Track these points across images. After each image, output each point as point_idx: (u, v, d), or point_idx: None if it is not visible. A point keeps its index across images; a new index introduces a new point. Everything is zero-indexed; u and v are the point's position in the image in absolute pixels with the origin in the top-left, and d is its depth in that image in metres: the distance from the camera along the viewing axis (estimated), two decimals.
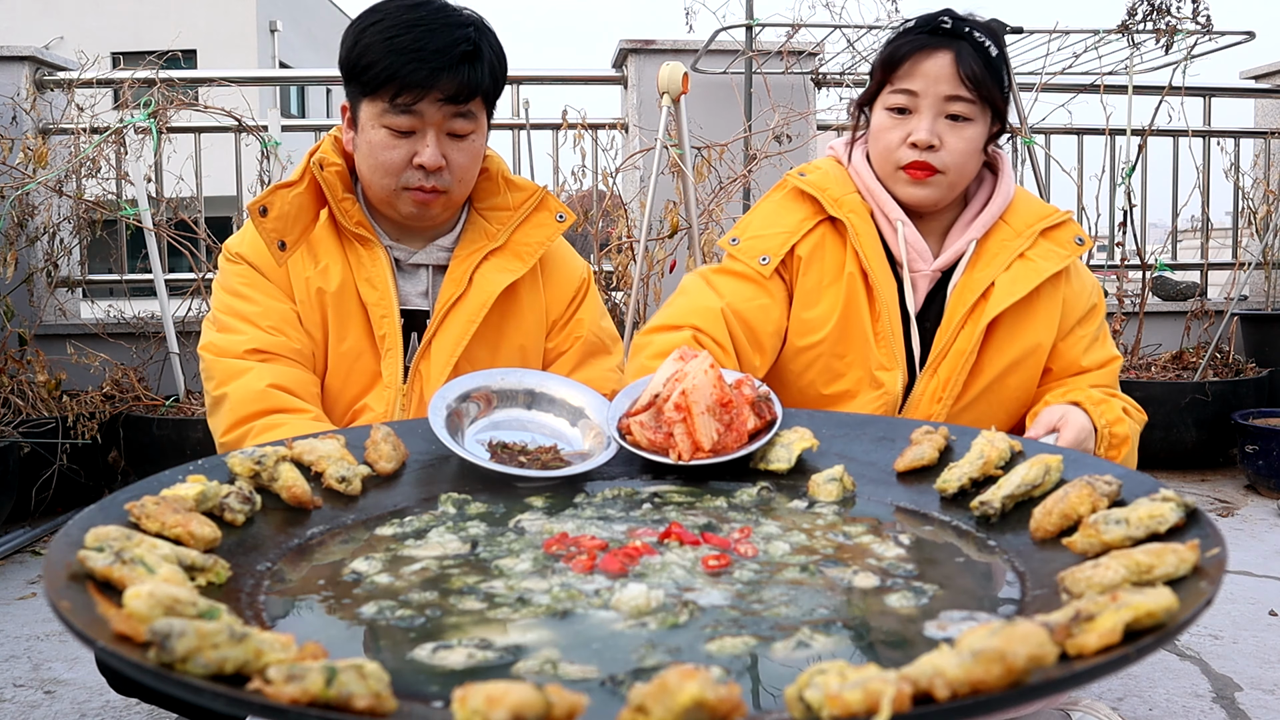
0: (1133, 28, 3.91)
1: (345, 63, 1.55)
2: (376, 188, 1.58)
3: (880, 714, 0.53)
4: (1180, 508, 0.82)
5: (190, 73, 4.13)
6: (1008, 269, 1.62)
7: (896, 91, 1.59)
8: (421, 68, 1.46)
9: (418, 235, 1.66)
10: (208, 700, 0.57)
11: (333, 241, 1.62)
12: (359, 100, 1.55)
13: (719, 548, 0.93)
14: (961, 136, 1.58)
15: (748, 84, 4.09)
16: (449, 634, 0.76)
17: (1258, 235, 4.64)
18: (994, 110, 1.60)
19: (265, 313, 1.58)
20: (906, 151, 1.58)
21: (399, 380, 1.59)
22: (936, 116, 1.57)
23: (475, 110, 1.54)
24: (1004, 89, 1.62)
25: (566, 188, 4.20)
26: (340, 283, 1.59)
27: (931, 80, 1.56)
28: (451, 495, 1.07)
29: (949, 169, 1.59)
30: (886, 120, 1.61)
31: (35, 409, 3.42)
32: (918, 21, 1.60)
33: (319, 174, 1.59)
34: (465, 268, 1.62)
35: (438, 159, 1.52)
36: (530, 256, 1.65)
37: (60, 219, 3.94)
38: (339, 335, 1.59)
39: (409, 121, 1.51)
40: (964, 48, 1.56)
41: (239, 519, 0.94)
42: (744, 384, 1.21)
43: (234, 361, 1.54)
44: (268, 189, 1.60)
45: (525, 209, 1.68)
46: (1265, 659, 2.20)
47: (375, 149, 1.54)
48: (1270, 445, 3.63)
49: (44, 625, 2.51)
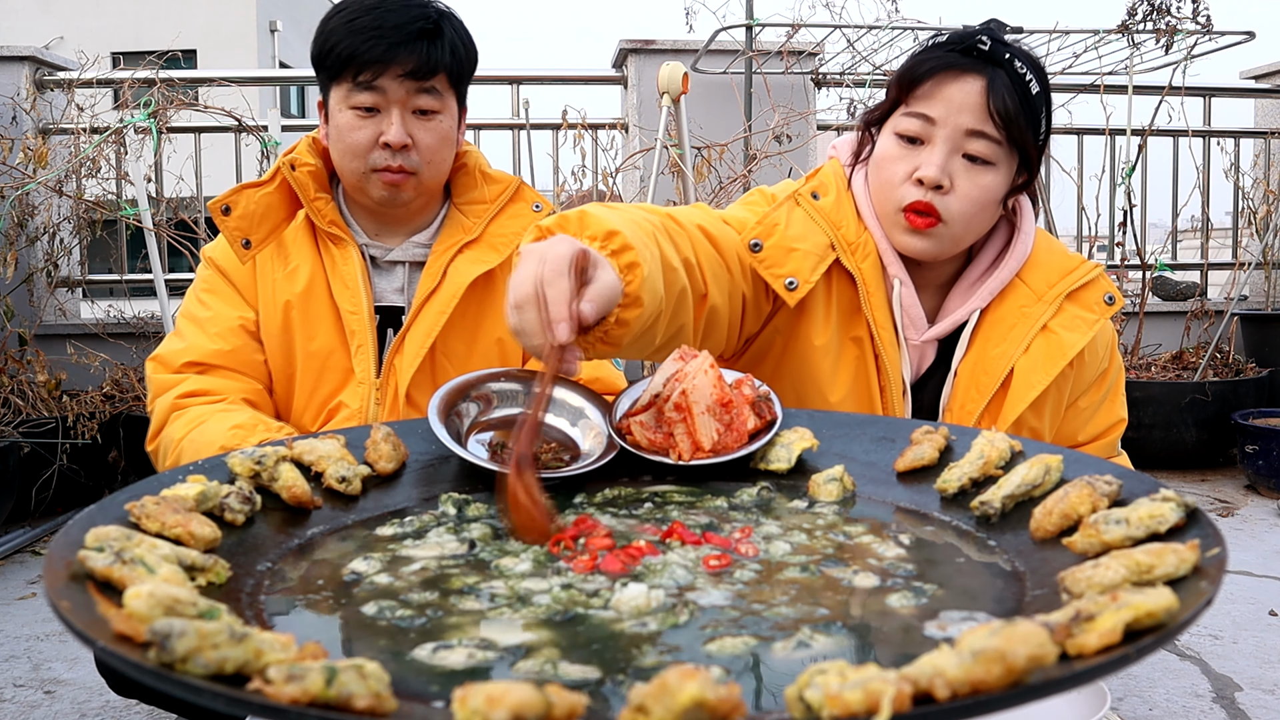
0: (1133, 28, 3.91)
1: (313, 55, 1.60)
2: (347, 173, 1.61)
3: (880, 714, 0.53)
4: (1180, 508, 0.82)
5: (190, 73, 4.14)
6: (1027, 350, 1.38)
7: (911, 115, 1.35)
8: (380, 43, 1.51)
9: (395, 232, 1.68)
10: (208, 700, 0.57)
11: (307, 241, 1.65)
12: (329, 89, 1.59)
13: (720, 547, 0.93)
14: (977, 183, 1.33)
15: (748, 84, 4.09)
16: (449, 634, 0.76)
17: (1258, 235, 4.64)
18: (1023, 157, 1.36)
19: (215, 318, 1.64)
20: (910, 189, 1.35)
21: (372, 376, 1.61)
22: (952, 153, 1.33)
23: (440, 89, 1.57)
24: (1039, 134, 1.36)
25: (566, 188, 4.20)
26: (308, 284, 1.62)
27: (955, 109, 1.31)
28: (451, 495, 1.06)
29: (954, 220, 1.34)
30: (894, 148, 1.37)
31: (35, 409, 3.42)
32: (950, 37, 1.35)
33: (289, 174, 1.62)
34: (441, 262, 1.65)
35: (402, 136, 1.54)
36: (505, 247, 1.66)
37: (60, 219, 3.94)
38: (307, 335, 1.62)
39: (372, 98, 1.54)
40: (999, 76, 1.30)
41: (239, 519, 0.94)
42: (744, 384, 1.21)
43: (168, 376, 1.61)
44: (232, 188, 1.64)
45: (501, 200, 1.69)
46: (1265, 659, 2.20)
47: (343, 132, 1.57)
48: (1270, 445, 3.63)
49: (44, 625, 2.51)
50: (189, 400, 1.57)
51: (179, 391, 1.58)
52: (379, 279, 1.68)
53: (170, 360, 1.62)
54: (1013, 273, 1.43)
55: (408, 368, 1.60)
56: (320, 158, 1.67)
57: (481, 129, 4.35)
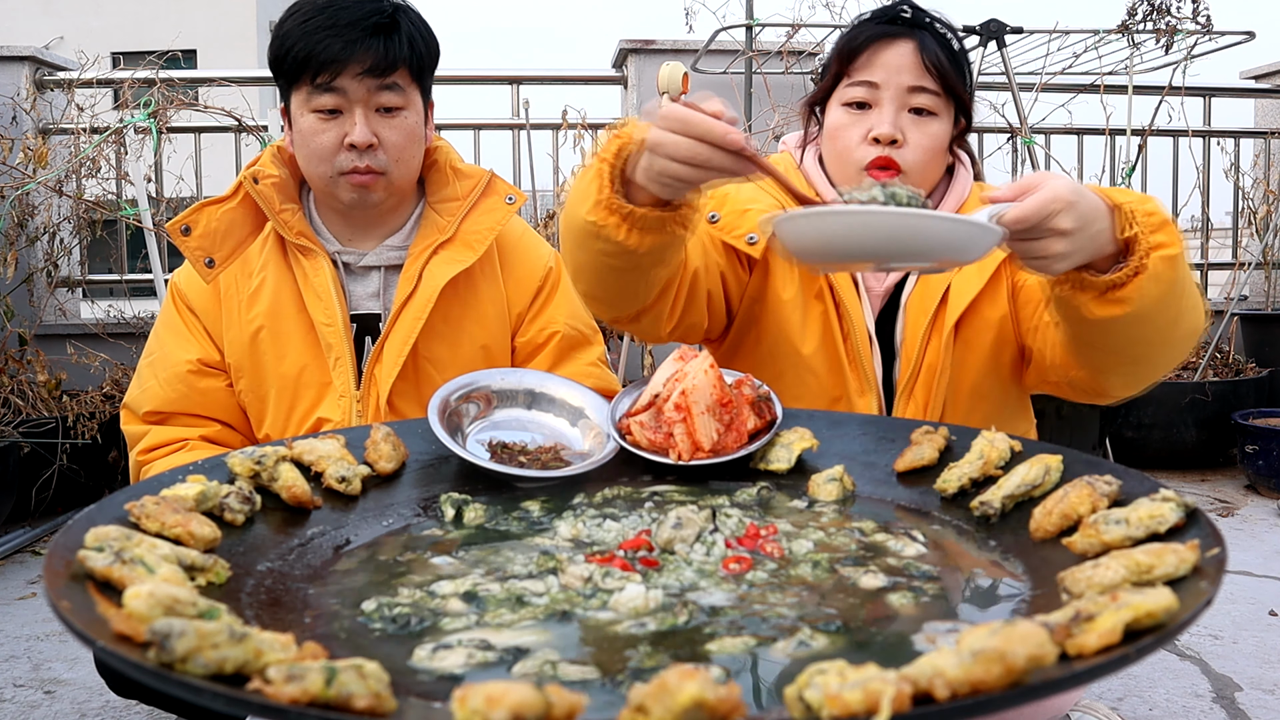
0: (1133, 28, 3.91)
1: (270, 61, 1.55)
2: (315, 178, 1.57)
3: (880, 714, 0.53)
4: (1180, 508, 0.82)
5: (190, 73, 4.13)
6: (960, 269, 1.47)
7: (855, 84, 1.47)
8: (335, 41, 1.47)
9: (369, 235, 1.63)
10: (208, 700, 0.57)
11: (276, 255, 1.60)
12: (289, 94, 1.55)
13: (747, 549, 0.93)
14: (926, 132, 1.45)
15: (748, 84, 4.09)
16: (449, 634, 0.76)
17: (1258, 235, 4.64)
18: (958, 104, 1.49)
19: (164, 361, 1.61)
20: (868, 149, 1.45)
21: (351, 388, 1.57)
22: (900, 110, 1.45)
23: (402, 84, 1.52)
24: (968, 84, 1.51)
25: (566, 187, 4.20)
26: (274, 302, 1.58)
27: (893, 70, 1.44)
28: (451, 495, 1.07)
29: (912, 169, 1.45)
30: (844, 117, 1.48)
31: (35, 409, 3.42)
32: (874, 13, 1.50)
33: (252, 188, 1.57)
34: (417, 265, 1.60)
35: (367, 135, 1.50)
36: (480, 244, 1.61)
37: (60, 219, 3.94)
38: (279, 355, 1.58)
39: (333, 100, 1.50)
40: (926, 37, 1.45)
41: (239, 519, 0.94)
42: (744, 384, 1.21)
43: (136, 428, 1.60)
44: (191, 207, 1.59)
45: (472, 196, 1.64)
46: (1265, 659, 2.20)
47: (306, 136, 1.53)
48: (1270, 445, 3.63)
49: (44, 625, 2.51)
50: (151, 455, 1.56)
51: (142, 446, 1.57)
52: (354, 285, 1.63)
53: (135, 408, 1.60)
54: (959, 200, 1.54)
55: (387, 377, 1.56)
56: (287, 166, 1.62)
57: (481, 129, 4.35)
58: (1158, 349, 1.26)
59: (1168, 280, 1.13)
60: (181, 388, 1.59)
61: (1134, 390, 1.39)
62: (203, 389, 1.59)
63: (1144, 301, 1.13)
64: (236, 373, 1.60)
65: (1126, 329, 1.18)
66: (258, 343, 1.58)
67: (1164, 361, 1.31)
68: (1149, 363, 1.30)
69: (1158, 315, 1.17)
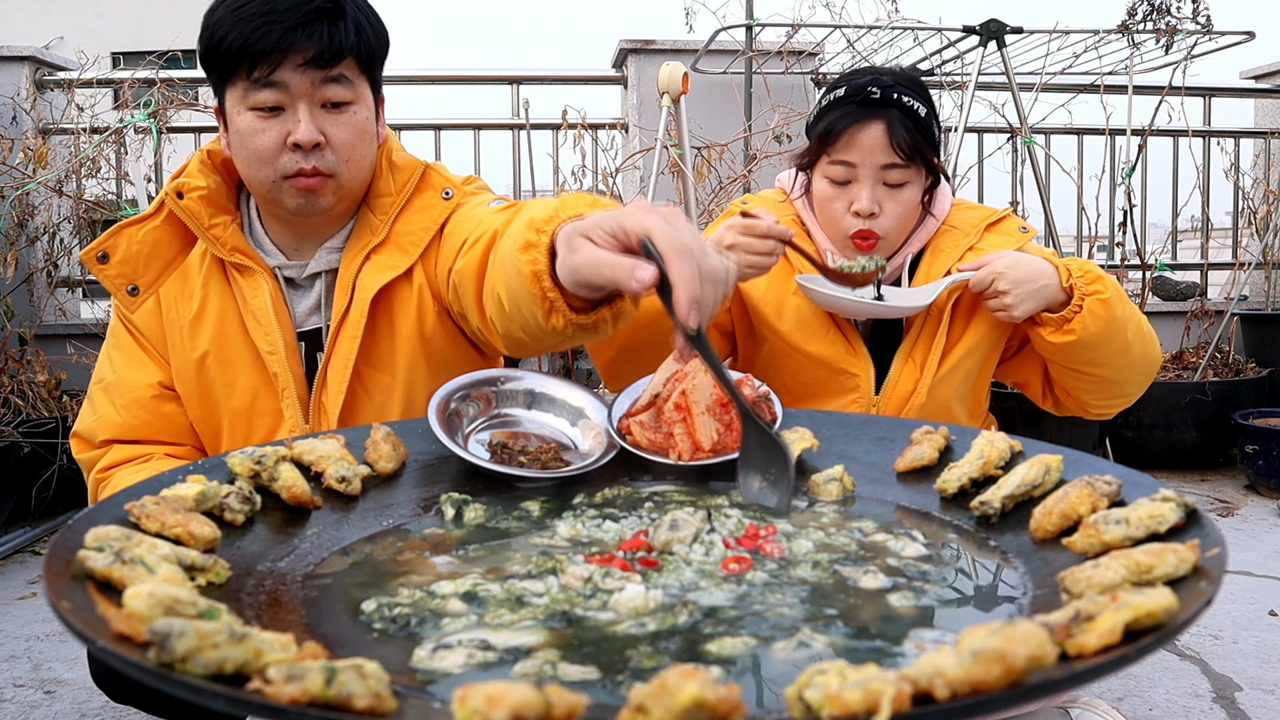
0: (1133, 28, 3.91)
1: (200, 53, 1.37)
2: (255, 183, 1.40)
3: (880, 714, 0.53)
4: (1180, 508, 0.82)
5: (190, 73, 4.14)
6: (961, 259, 1.71)
7: (835, 163, 1.67)
8: (273, 29, 1.30)
9: (312, 242, 1.47)
10: (208, 700, 0.57)
11: (216, 272, 1.45)
12: (223, 91, 1.38)
13: (747, 550, 0.93)
14: (899, 200, 1.67)
15: (748, 84, 4.09)
16: (449, 634, 0.76)
17: (1258, 235, 4.64)
18: (927, 167, 1.68)
19: (120, 385, 1.47)
20: (851, 220, 1.67)
21: (300, 421, 1.44)
22: (875, 184, 1.65)
23: (349, 75, 1.36)
24: (936, 144, 1.71)
25: (566, 188, 4.20)
26: (218, 327, 1.44)
27: (867, 151, 1.64)
28: (451, 495, 1.06)
29: (888, 233, 1.68)
30: (829, 190, 1.69)
31: (35, 409, 3.42)
32: (847, 90, 1.67)
33: (175, 205, 1.42)
34: (350, 273, 1.43)
35: (313, 133, 1.33)
36: (414, 247, 1.44)
37: (60, 219, 3.94)
38: (226, 383, 1.45)
39: (274, 96, 1.33)
40: (894, 115, 1.62)
41: (239, 519, 0.94)
42: (744, 384, 1.21)
43: (91, 454, 1.48)
44: (109, 230, 1.45)
45: (406, 191, 1.47)
46: (1265, 659, 2.20)
47: (244, 137, 1.35)
48: (1270, 445, 3.63)
49: (44, 625, 2.51)
50: (112, 472, 1.44)
51: (102, 465, 1.45)
52: (298, 301, 1.47)
53: (89, 437, 1.47)
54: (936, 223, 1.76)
55: (333, 406, 1.41)
56: (219, 172, 1.47)
57: (481, 129, 4.35)
58: (1119, 371, 1.65)
59: (1104, 317, 1.56)
60: (143, 414, 1.46)
61: (1111, 408, 1.74)
62: (166, 413, 1.47)
63: (1087, 332, 1.56)
64: (186, 402, 1.47)
65: (1080, 353, 1.60)
66: (204, 370, 1.45)
67: (1127, 382, 1.68)
68: (1114, 384, 1.67)
69: (1105, 343, 1.58)
